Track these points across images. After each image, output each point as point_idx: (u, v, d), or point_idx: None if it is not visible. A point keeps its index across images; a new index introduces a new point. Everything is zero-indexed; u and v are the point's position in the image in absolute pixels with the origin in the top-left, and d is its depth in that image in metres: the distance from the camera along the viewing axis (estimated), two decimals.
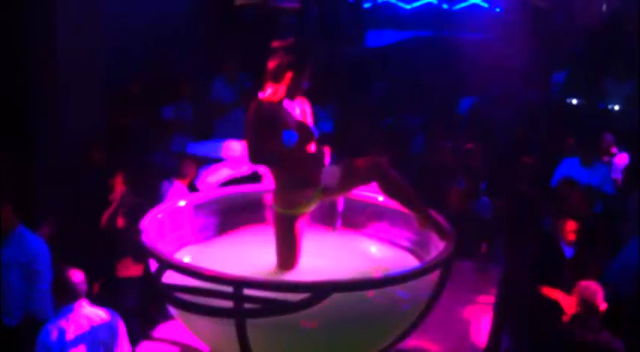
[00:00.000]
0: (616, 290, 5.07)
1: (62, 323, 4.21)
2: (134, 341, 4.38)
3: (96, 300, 4.47)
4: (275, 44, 3.80)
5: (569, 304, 4.60)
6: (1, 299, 5.16)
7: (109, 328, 4.29)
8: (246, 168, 4.42)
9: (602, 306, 4.45)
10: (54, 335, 4.17)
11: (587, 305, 4.43)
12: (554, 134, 8.46)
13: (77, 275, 4.28)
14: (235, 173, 4.52)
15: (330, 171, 3.85)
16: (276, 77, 3.77)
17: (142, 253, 3.56)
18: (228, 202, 4.31)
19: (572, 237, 5.49)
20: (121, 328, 4.33)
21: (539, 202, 6.76)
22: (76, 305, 4.25)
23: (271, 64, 3.78)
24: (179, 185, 6.48)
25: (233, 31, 10.44)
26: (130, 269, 5.85)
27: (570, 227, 5.49)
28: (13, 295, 5.21)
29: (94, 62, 7.24)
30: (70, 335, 4.16)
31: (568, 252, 5.54)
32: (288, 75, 3.76)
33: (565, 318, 4.62)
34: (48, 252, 5.31)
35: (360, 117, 8.81)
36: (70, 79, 7.02)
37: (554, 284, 5.24)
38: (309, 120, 3.96)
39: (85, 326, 4.22)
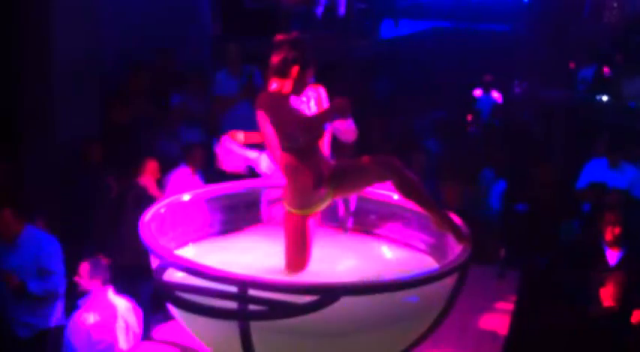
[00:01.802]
0: None
1: (91, 309, 4.41)
2: None
3: None
4: (279, 38, 3.83)
5: None
6: (12, 309, 5.19)
7: (133, 315, 4.67)
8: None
9: None
10: (83, 321, 4.36)
11: None
12: (579, 134, 8.45)
13: (104, 263, 4.49)
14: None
15: (341, 167, 3.88)
16: (282, 72, 3.80)
17: (143, 249, 3.58)
18: (235, 198, 4.34)
19: (613, 241, 5.53)
20: (141, 317, 4.72)
21: (560, 206, 6.77)
22: (103, 291, 4.58)
23: (275, 59, 3.80)
24: (185, 170, 6.51)
25: (239, 21, 10.48)
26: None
27: (611, 233, 5.52)
28: (26, 302, 5.22)
29: (91, 54, 7.27)
30: (98, 322, 4.37)
31: (611, 258, 5.59)
32: (294, 69, 3.78)
33: None
34: (61, 250, 5.34)
35: (371, 114, 8.81)
36: (64, 72, 7.05)
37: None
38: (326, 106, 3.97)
39: (113, 314, 4.41)
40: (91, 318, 4.56)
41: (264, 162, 4.64)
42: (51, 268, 5.24)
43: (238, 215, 4.39)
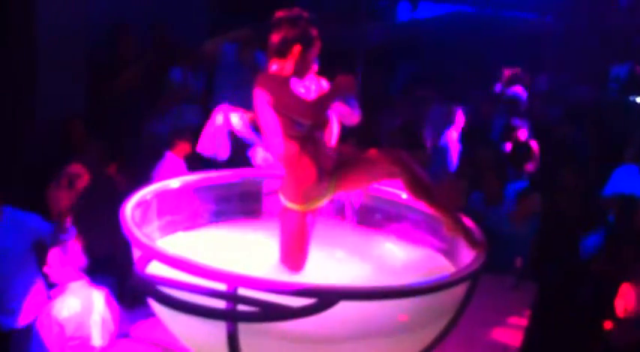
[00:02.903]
0: None
1: (63, 301, 4.55)
2: None
3: None
4: (279, 15, 3.80)
5: None
6: None
7: (109, 310, 4.66)
8: None
9: None
10: (55, 315, 4.39)
11: None
12: (609, 137, 8.41)
13: (77, 250, 4.51)
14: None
15: (346, 160, 3.86)
16: (282, 52, 3.77)
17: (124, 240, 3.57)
18: (228, 188, 4.33)
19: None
20: (117, 312, 4.72)
21: (584, 215, 6.75)
22: (76, 282, 4.61)
23: (275, 38, 3.78)
24: (173, 158, 6.50)
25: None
26: None
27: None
28: (12, 288, 5.23)
29: (77, 22, 7.24)
30: (71, 316, 4.39)
31: None
32: (296, 49, 3.76)
33: None
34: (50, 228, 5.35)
35: (384, 104, 8.78)
36: (49, 42, 7.02)
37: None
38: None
39: (88, 307, 4.56)
40: (63, 312, 4.54)
41: (260, 153, 4.65)
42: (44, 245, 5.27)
43: (232, 206, 4.39)
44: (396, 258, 4.25)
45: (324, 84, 3.95)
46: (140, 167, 6.65)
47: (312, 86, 3.91)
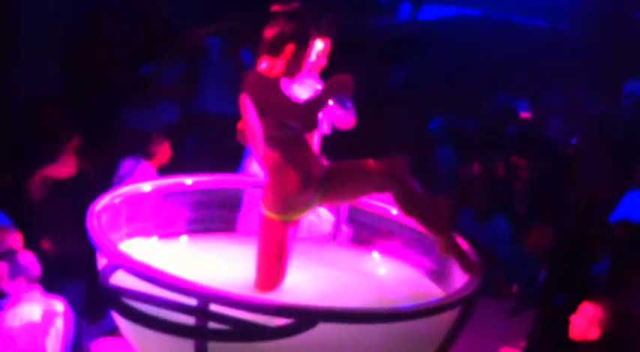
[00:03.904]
0: None
1: (14, 313, 4.49)
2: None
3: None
4: (275, 8, 3.78)
5: None
6: None
7: (65, 322, 4.60)
8: None
9: None
10: (4, 327, 4.42)
11: None
12: (620, 158, 8.42)
13: (27, 258, 4.42)
14: None
15: (335, 169, 3.85)
16: (274, 49, 3.75)
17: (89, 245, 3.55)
18: (205, 195, 4.32)
19: None
20: (71, 321, 4.65)
21: (590, 239, 6.75)
22: (29, 292, 4.54)
23: (269, 33, 3.75)
24: (147, 166, 6.48)
25: None
26: None
27: None
28: None
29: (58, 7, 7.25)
30: (22, 328, 4.37)
31: None
32: (289, 47, 3.74)
33: None
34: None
35: (382, 108, 8.79)
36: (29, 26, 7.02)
37: None
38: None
39: (42, 319, 4.52)
40: (14, 323, 4.47)
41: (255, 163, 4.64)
42: None
43: (211, 213, 4.37)
44: (383, 278, 4.24)
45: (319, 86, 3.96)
46: (113, 165, 6.63)
47: (307, 88, 3.91)
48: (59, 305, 4.69)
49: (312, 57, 3.92)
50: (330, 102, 3.85)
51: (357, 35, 10.27)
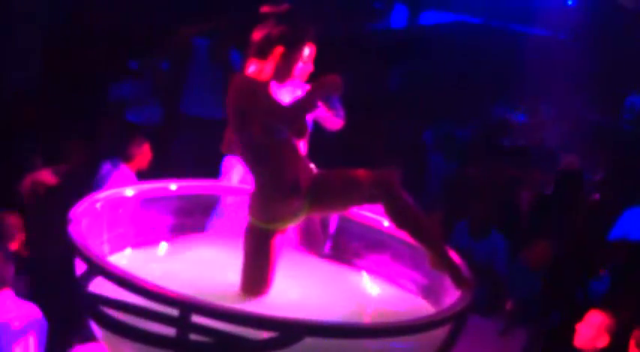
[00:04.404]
0: None
1: None
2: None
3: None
4: (264, 9, 3.78)
5: None
6: None
7: (38, 329, 4.53)
8: None
9: None
10: None
11: None
12: (620, 173, 8.46)
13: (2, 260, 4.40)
14: None
15: (325, 177, 3.85)
16: (262, 52, 3.75)
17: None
18: (188, 201, 4.31)
19: None
20: (43, 328, 4.58)
21: (588, 256, 6.77)
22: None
23: (257, 35, 3.76)
24: (126, 170, 6.48)
25: None
26: None
27: None
28: None
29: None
30: None
31: None
32: (278, 50, 3.75)
33: None
34: None
35: (373, 116, 8.81)
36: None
37: None
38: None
39: (13, 325, 4.49)
40: None
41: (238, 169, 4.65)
42: None
43: (194, 220, 4.35)
44: (373, 292, 4.24)
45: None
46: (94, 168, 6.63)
47: (296, 92, 3.91)
48: (33, 313, 4.65)
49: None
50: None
51: (353, 39, 10.31)
